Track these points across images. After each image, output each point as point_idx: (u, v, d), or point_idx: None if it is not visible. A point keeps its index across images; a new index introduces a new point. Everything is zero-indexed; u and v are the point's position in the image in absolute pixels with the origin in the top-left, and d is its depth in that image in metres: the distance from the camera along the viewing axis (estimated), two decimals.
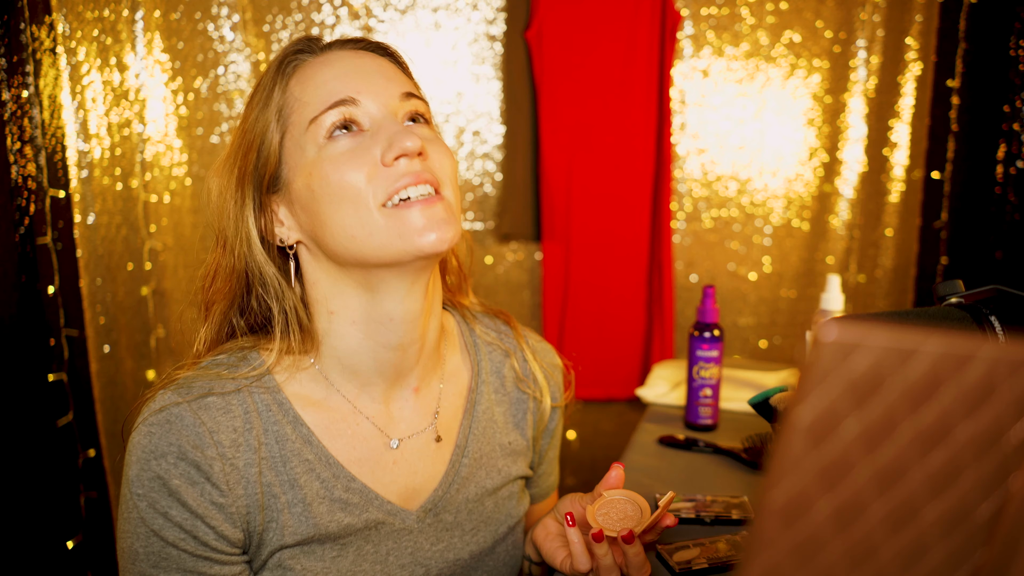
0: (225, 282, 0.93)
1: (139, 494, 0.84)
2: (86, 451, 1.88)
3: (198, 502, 0.84)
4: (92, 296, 1.91)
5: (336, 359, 0.94)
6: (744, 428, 1.51)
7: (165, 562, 0.84)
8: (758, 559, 0.38)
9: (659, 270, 2.25)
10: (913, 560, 0.40)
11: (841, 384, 0.35)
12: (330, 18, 2.15)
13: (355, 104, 0.87)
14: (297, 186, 0.89)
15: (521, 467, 1.10)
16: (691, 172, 2.29)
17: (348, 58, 0.92)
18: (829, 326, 0.34)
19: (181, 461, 0.84)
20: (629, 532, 0.87)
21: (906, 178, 2.15)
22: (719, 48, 2.21)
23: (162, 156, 2.07)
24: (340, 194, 0.85)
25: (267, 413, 0.90)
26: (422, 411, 1.01)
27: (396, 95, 0.90)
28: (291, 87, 0.90)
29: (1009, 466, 0.39)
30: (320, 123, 0.87)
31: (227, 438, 0.86)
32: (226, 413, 0.87)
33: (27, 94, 1.71)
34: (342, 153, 0.86)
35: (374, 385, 0.96)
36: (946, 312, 0.70)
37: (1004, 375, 0.37)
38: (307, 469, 0.91)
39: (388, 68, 0.93)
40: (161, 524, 0.84)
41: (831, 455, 0.36)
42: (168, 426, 0.85)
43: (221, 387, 0.89)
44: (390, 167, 0.85)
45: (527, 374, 1.13)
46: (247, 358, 0.93)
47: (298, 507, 0.89)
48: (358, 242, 0.86)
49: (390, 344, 0.93)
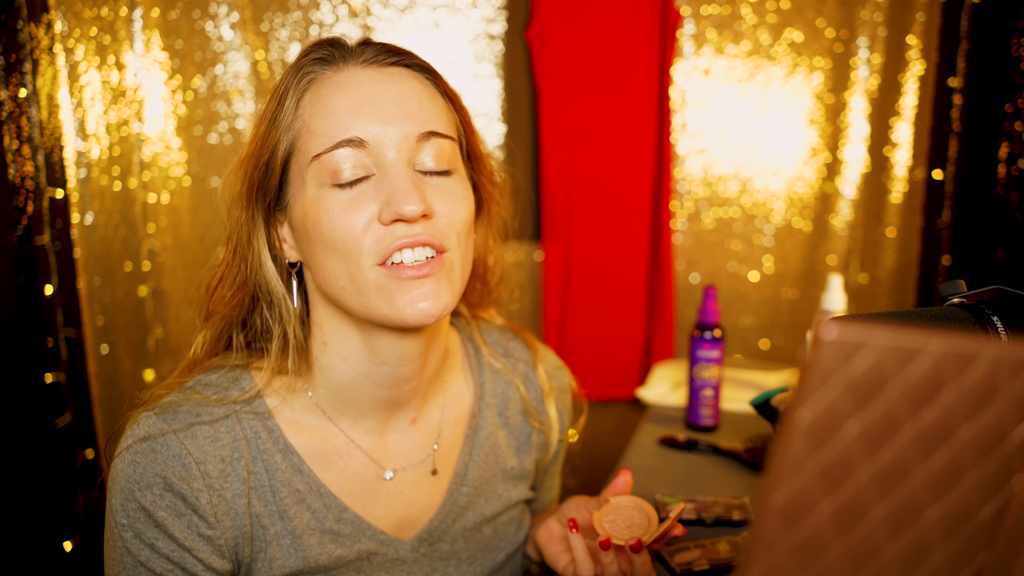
0: (231, 290, 0.89)
1: (123, 524, 0.81)
2: (84, 452, 1.88)
3: (185, 534, 0.82)
4: (90, 296, 1.90)
5: (328, 389, 0.91)
6: (745, 429, 1.51)
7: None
8: (759, 561, 0.37)
9: (659, 270, 2.25)
10: (915, 562, 0.39)
11: (842, 384, 0.34)
12: (329, 16, 2.15)
13: (362, 147, 0.80)
14: (296, 215, 0.85)
15: (522, 491, 1.08)
16: (692, 172, 2.28)
17: (366, 83, 0.83)
18: (830, 326, 0.33)
19: (167, 492, 0.81)
20: (638, 541, 0.86)
21: (908, 178, 2.15)
22: (720, 47, 2.20)
23: (161, 156, 2.07)
24: (332, 245, 0.81)
25: (256, 441, 0.87)
26: (419, 442, 0.98)
27: (412, 136, 0.82)
28: (303, 106, 0.83)
29: (1012, 467, 0.39)
30: (323, 163, 0.81)
31: (215, 468, 0.83)
32: (214, 442, 0.84)
33: (25, 93, 1.71)
34: (339, 202, 0.80)
35: (368, 417, 0.93)
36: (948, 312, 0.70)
37: (1007, 376, 0.36)
38: (297, 500, 0.88)
39: (411, 94, 0.84)
40: (148, 555, 0.81)
41: (832, 456, 0.36)
42: (153, 455, 0.81)
43: (209, 413, 0.85)
44: (387, 226, 0.80)
45: (536, 405, 1.10)
46: (238, 379, 0.89)
47: (287, 539, 0.87)
48: (347, 294, 0.82)
49: (384, 383, 0.91)
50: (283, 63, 2.15)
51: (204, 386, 0.88)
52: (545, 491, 1.17)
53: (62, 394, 1.80)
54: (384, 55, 0.85)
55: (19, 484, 1.67)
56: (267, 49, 2.13)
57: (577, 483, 1.27)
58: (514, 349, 1.12)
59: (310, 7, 2.14)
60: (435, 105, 0.86)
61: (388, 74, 0.84)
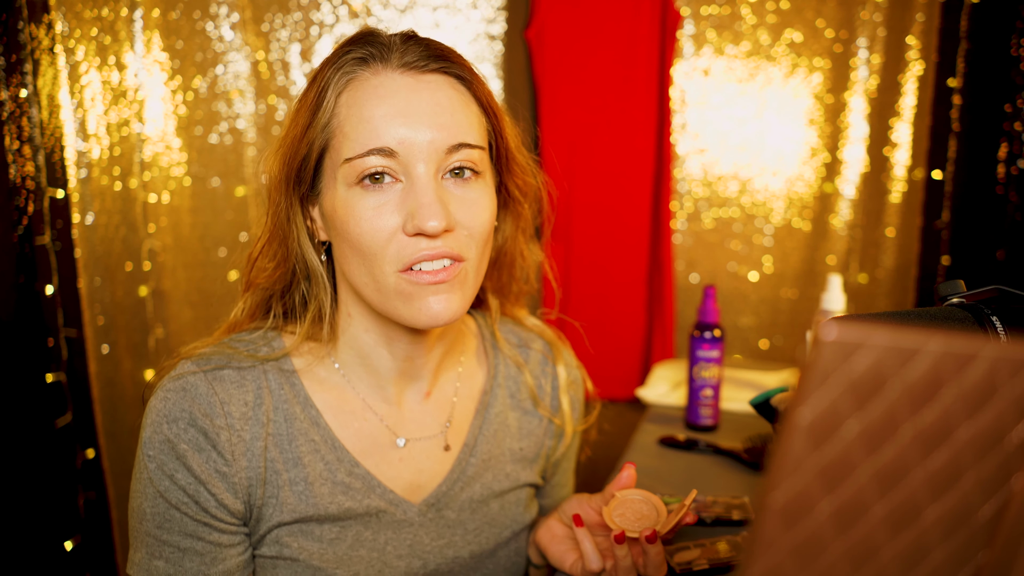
0: (271, 263, 0.94)
1: (150, 455, 0.87)
2: (85, 452, 1.88)
3: (202, 468, 0.87)
4: (91, 296, 1.90)
5: (351, 355, 0.97)
6: (745, 429, 1.51)
7: (168, 524, 0.87)
8: (759, 560, 0.37)
9: (659, 270, 2.25)
10: (914, 561, 0.39)
11: (842, 384, 0.34)
12: (329, 17, 2.15)
13: (393, 157, 0.83)
14: (326, 206, 0.89)
15: (531, 475, 1.10)
16: (691, 172, 2.28)
17: (402, 91, 0.84)
18: (830, 326, 0.34)
19: (191, 427, 0.87)
20: (653, 532, 0.88)
21: (907, 178, 2.15)
22: (720, 47, 2.20)
23: (161, 156, 2.07)
24: (356, 244, 0.85)
25: (279, 392, 0.93)
26: (433, 416, 1.02)
27: (442, 148, 0.84)
28: (340, 106, 0.86)
29: (1011, 467, 0.39)
30: (354, 167, 0.84)
31: (237, 410, 0.89)
32: (239, 387, 0.90)
33: (25, 93, 1.71)
34: (366, 207, 0.84)
35: (385, 387, 0.98)
36: (948, 312, 0.70)
37: (1006, 375, 0.36)
38: (312, 449, 0.93)
39: (445, 104, 0.86)
40: (167, 486, 0.87)
41: (832, 455, 0.36)
42: (183, 393, 0.88)
43: (238, 362, 0.92)
44: (410, 237, 0.84)
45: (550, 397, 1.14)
46: (270, 340, 0.96)
47: (299, 485, 0.91)
48: (368, 290, 0.88)
49: (399, 355, 0.97)
50: (283, 63, 2.15)
51: (238, 342, 0.95)
52: (558, 487, 1.19)
53: (62, 394, 1.80)
54: (424, 61, 0.86)
55: (19, 484, 1.67)
56: (267, 49, 2.13)
57: (577, 483, 1.27)
58: (531, 341, 1.15)
59: (310, 7, 2.14)
60: (468, 114, 0.88)
61: (425, 82, 0.86)
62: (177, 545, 0.88)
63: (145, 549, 0.88)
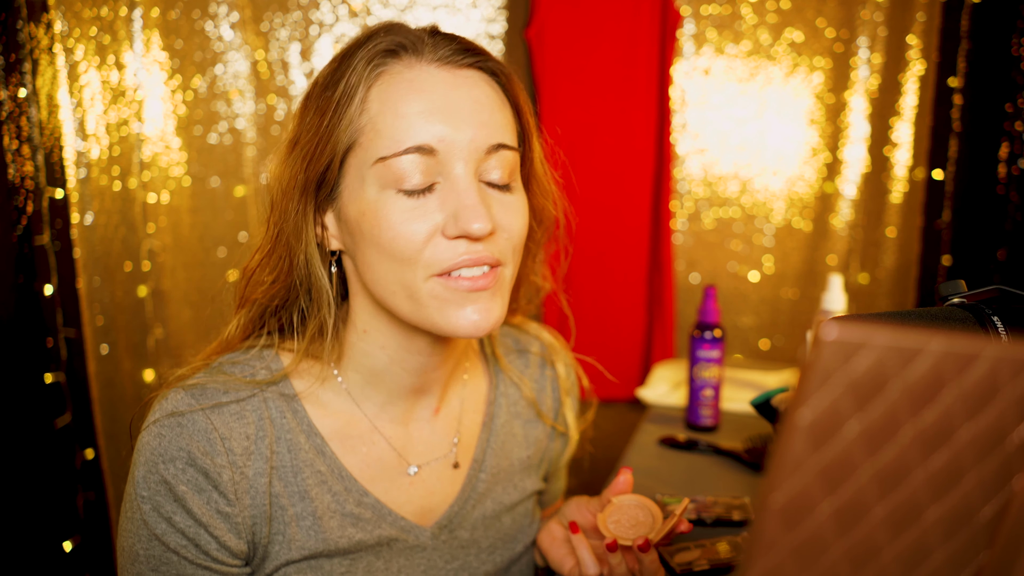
0: (270, 276, 0.87)
1: (144, 496, 0.81)
2: (84, 452, 1.88)
3: (203, 510, 0.81)
4: (90, 296, 1.90)
5: (360, 373, 0.91)
6: (745, 429, 1.51)
7: (164, 567, 0.81)
8: (759, 561, 0.37)
9: (659, 270, 2.25)
10: (915, 562, 0.39)
11: (842, 384, 0.34)
12: (329, 16, 2.15)
13: (432, 155, 0.77)
14: (349, 213, 0.82)
15: (536, 481, 1.08)
16: (692, 172, 2.28)
17: (440, 86, 0.79)
18: (830, 326, 0.33)
19: (190, 467, 0.80)
20: (645, 541, 0.85)
21: (908, 178, 2.15)
22: (720, 47, 2.20)
23: (161, 156, 2.07)
24: (389, 248, 0.78)
25: (280, 420, 0.86)
26: (441, 434, 0.98)
27: (483, 148, 0.79)
28: (370, 100, 0.79)
29: (1012, 467, 0.39)
30: (389, 166, 0.77)
31: (239, 445, 0.83)
32: (240, 419, 0.84)
33: (24, 93, 1.71)
34: (403, 209, 0.78)
35: (394, 404, 0.93)
36: (948, 312, 0.70)
37: (1007, 376, 0.36)
38: (319, 481, 0.87)
39: (484, 101, 0.81)
40: (164, 529, 0.80)
41: (833, 456, 0.35)
42: (180, 429, 0.81)
43: (236, 393, 0.85)
44: (450, 240, 0.78)
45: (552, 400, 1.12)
46: (266, 360, 0.89)
47: (307, 520, 0.86)
48: (398, 299, 0.81)
49: (415, 370, 0.91)
50: (283, 63, 2.15)
51: (232, 365, 0.88)
52: (554, 479, 1.18)
53: (62, 394, 1.80)
54: (460, 55, 0.82)
55: (19, 484, 1.67)
56: (267, 49, 2.13)
57: (577, 483, 1.27)
58: (529, 344, 1.13)
59: (310, 7, 2.13)
60: (504, 114, 0.84)
61: (462, 77, 0.81)
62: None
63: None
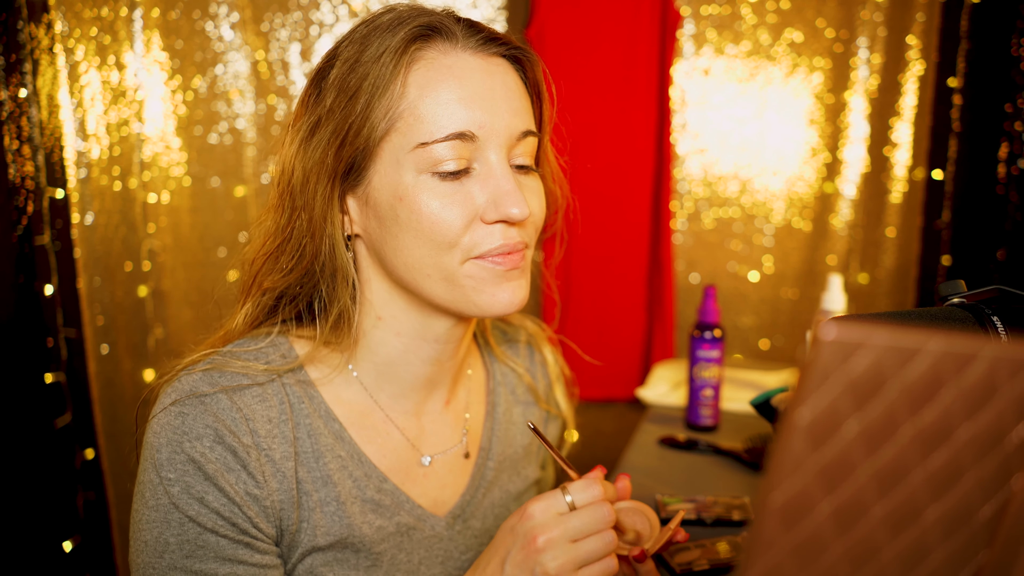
0: (291, 262, 0.85)
1: (170, 479, 0.77)
2: (84, 452, 1.88)
3: (235, 489, 0.78)
4: (90, 296, 1.90)
5: (373, 364, 0.90)
6: (745, 429, 1.51)
7: (201, 551, 0.77)
8: (759, 560, 0.37)
9: (659, 270, 2.25)
10: (914, 561, 0.39)
11: (842, 384, 0.34)
12: (329, 16, 2.15)
13: (472, 141, 0.79)
14: (380, 197, 0.82)
15: (535, 469, 1.10)
16: (692, 172, 2.28)
17: (477, 73, 0.81)
18: (830, 326, 0.33)
19: (217, 445, 0.78)
20: (641, 551, 0.85)
21: (908, 178, 2.15)
22: (720, 47, 2.20)
23: (161, 156, 2.07)
24: (428, 233, 0.79)
25: (300, 406, 0.85)
26: (452, 425, 0.99)
27: (516, 134, 0.82)
28: (409, 85, 0.79)
29: (1011, 467, 0.39)
30: (430, 152, 0.78)
31: (263, 428, 0.81)
32: (262, 402, 0.82)
33: (25, 93, 1.71)
34: (442, 194, 0.79)
35: (407, 397, 0.93)
36: (948, 312, 0.70)
37: (1006, 375, 0.36)
38: (340, 466, 0.86)
39: (514, 88, 0.83)
40: (197, 510, 0.77)
41: (832, 455, 0.36)
42: (203, 407, 0.79)
43: (254, 375, 0.83)
44: (489, 225, 0.80)
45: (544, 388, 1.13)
46: (278, 347, 0.87)
47: (331, 505, 0.85)
48: (431, 281, 0.82)
49: (429, 359, 0.91)
50: (283, 63, 2.15)
51: (245, 352, 0.86)
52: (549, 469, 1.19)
53: (62, 394, 1.80)
54: (491, 44, 0.83)
55: (19, 484, 1.67)
56: (267, 49, 2.13)
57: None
58: (516, 334, 1.14)
59: (310, 7, 2.14)
60: (526, 101, 0.86)
61: (494, 64, 0.83)
62: (215, 572, 0.78)
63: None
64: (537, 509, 0.76)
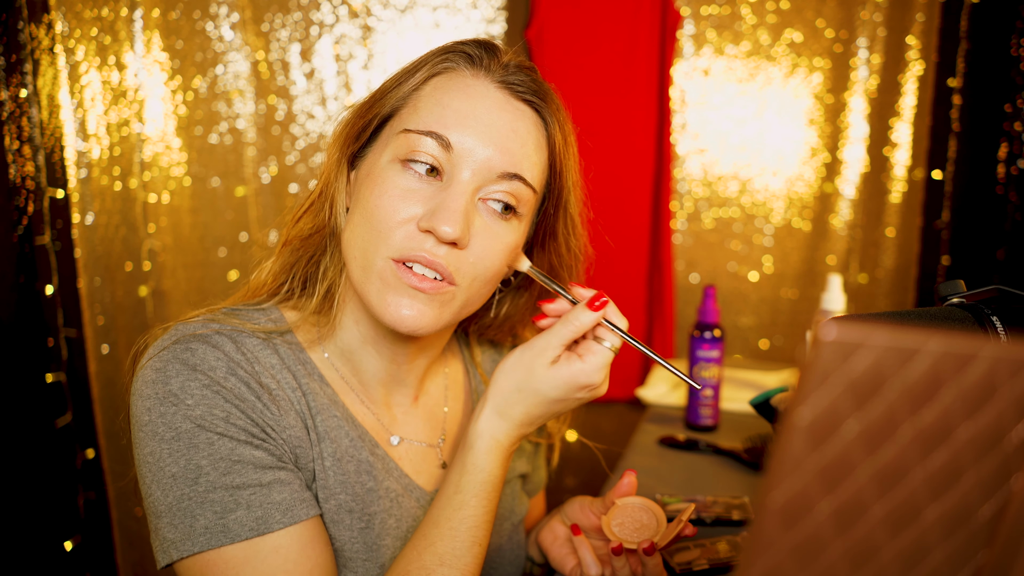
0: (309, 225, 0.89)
1: (189, 403, 0.76)
2: (85, 452, 1.88)
3: (259, 415, 0.79)
4: (91, 296, 1.90)
5: (340, 350, 0.92)
6: (745, 429, 1.51)
7: (238, 466, 0.76)
8: (759, 560, 0.37)
9: (659, 270, 2.25)
10: (914, 561, 0.39)
11: (842, 384, 0.34)
12: (329, 17, 2.15)
13: (448, 151, 0.81)
14: (360, 173, 0.87)
15: (522, 464, 1.10)
16: (692, 172, 2.28)
17: (489, 102, 0.83)
18: (829, 326, 0.33)
19: (231, 376, 0.79)
20: (651, 544, 0.86)
21: (907, 178, 2.15)
22: (720, 47, 2.20)
23: (161, 156, 2.07)
24: (370, 215, 0.81)
25: (296, 367, 0.87)
26: (425, 421, 0.99)
27: (496, 169, 0.82)
28: (428, 84, 0.85)
29: (1011, 466, 0.39)
30: (407, 140, 0.82)
31: (268, 371, 0.83)
32: (263, 349, 0.84)
33: (25, 93, 1.71)
34: (398, 187, 0.81)
35: (372, 387, 0.94)
36: (948, 312, 0.70)
37: (1005, 375, 0.36)
38: (336, 424, 0.87)
39: (521, 133, 0.84)
40: (225, 427, 0.76)
41: (832, 455, 0.36)
42: (209, 346, 0.79)
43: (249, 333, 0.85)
44: (420, 233, 0.80)
45: None
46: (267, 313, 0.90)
47: (330, 460, 0.86)
48: (354, 264, 0.83)
49: (387, 357, 0.92)
50: (283, 63, 2.15)
51: (238, 312, 0.88)
52: (535, 470, 1.18)
53: (62, 394, 1.80)
54: (523, 91, 0.85)
55: (19, 484, 1.67)
56: (267, 49, 2.13)
57: (577, 483, 1.27)
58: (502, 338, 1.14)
59: (310, 7, 2.14)
60: (537, 158, 0.86)
61: (513, 106, 0.85)
62: (258, 481, 0.76)
63: (211, 511, 0.74)
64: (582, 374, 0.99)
